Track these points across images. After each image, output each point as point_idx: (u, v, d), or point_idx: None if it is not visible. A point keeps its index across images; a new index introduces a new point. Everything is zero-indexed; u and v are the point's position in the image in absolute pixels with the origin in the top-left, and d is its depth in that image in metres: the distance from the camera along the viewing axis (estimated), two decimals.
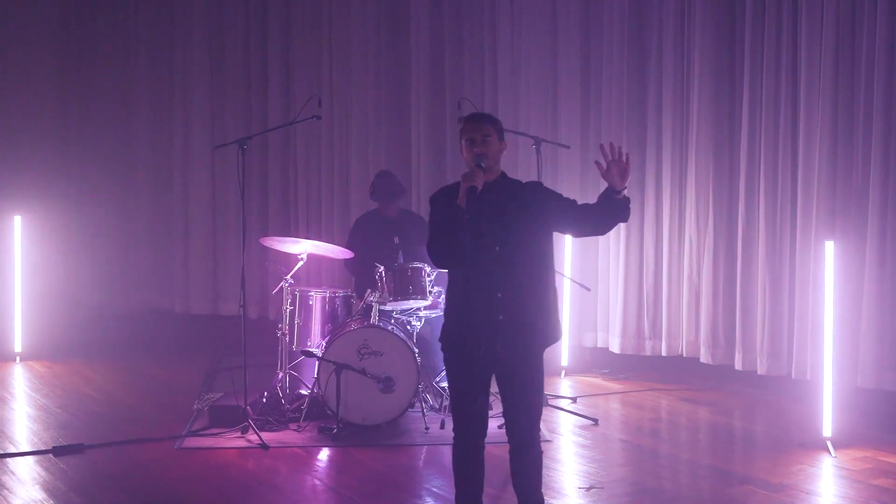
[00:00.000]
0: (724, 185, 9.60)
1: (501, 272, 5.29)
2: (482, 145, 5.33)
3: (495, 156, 5.37)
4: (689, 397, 9.34)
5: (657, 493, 6.76)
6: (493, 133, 5.38)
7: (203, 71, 12.12)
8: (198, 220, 12.25)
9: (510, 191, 5.41)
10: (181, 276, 12.31)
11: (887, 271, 8.48)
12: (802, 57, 8.90)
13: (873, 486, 6.79)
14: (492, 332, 5.31)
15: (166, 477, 7.06)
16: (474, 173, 5.21)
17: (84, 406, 8.99)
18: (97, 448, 7.65)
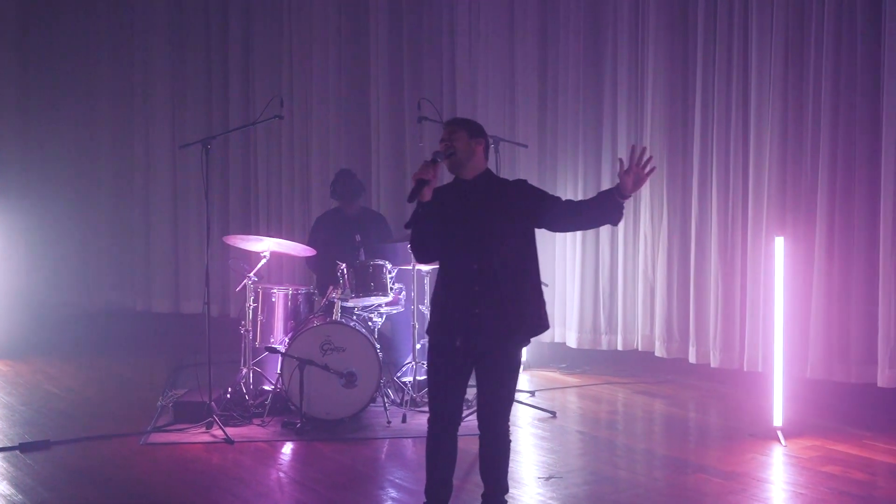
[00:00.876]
0: (677, 183, 9.82)
1: (479, 267, 5.47)
2: (449, 142, 5.55)
3: (463, 150, 5.55)
4: (645, 390, 9.56)
5: (614, 481, 6.95)
6: (459, 130, 5.58)
7: (164, 72, 12.25)
8: (159, 219, 12.38)
9: (492, 188, 5.60)
10: (142, 274, 12.43)
11: (835, 266, 8.72)
12: (753, 60, 9.14)
13: (822, 473, 7.01)
14: (470, 325, 5.49)
15: (134, 471, 7.17)
16: (426, 168, 5.43)
17: (48, 403, 9.09)
18: (63, 444, 7.75)
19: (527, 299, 5.56)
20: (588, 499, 6.54)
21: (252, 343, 8.65)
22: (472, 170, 5.59)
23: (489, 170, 5.68)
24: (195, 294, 12.17)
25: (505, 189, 5.63)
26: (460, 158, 5.56)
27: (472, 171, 5.59)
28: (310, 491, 6.81)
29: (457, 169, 5.60)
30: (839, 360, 8.72)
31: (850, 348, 8.69)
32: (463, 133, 5.58)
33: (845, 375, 8.70)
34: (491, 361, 5.54)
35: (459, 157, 5.55)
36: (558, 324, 10.58)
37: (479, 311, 5.46)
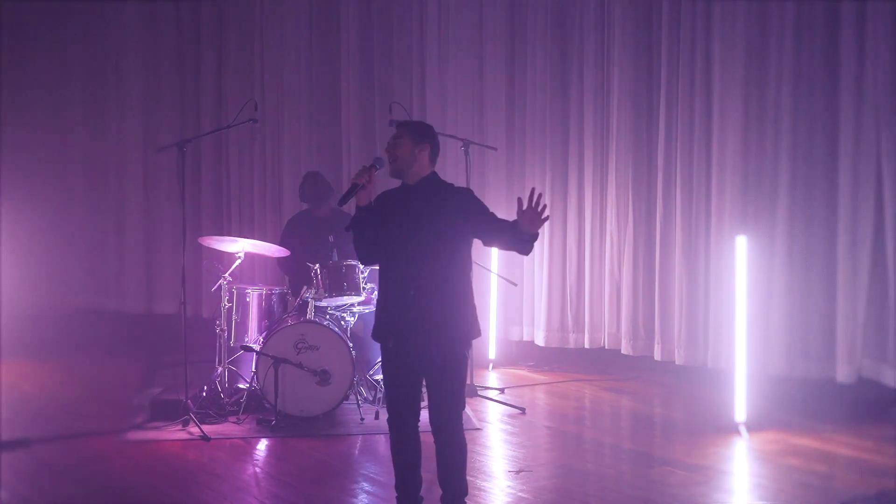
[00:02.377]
0: (642, 184, 10.05)
1: (414, 270, 5.64)
2: (391, 148, 5.73)
3: (404, 157, 5.70)
4: (612, 387, 9.78)
5: (582, 474, 7.16)
6: (403, 135, 5.74)
7: (136, 75, 12.32)
8: (131, 219, 12.45)
9: (431, 193, 5.73)
10: (115, 275, 12.48)
11: (796, 264, 8.97)
12: (716, 64, 9.37)
13: (783, 465, 7.26)
14: (404, 327, 5.67)
15: (114, 468, 7.30)
16: (359, 172, 5.66)
17: (25, 402, 9.18)
18: (43, 442, 7.88)
19: (459, 304, 5.69)
20: (557, 491, 6.74)
21: (227, 342, 8.77)
22: (414, 175, 5.72)
23: (434, 174, 5.81)
24: (167, 294, 12.28)
25: (447, 196, 5.74)
26: (400, 165, 5.71)
27: (415, 177, 5.73)
28: (286, 486, 6.96)
29: (398, 175, 5.75)
30: (799, 357, 8.98)
31: (809, 345, 8.95)
32: (406, 139, 5.72)
33: (805, 371, 8.96)
34: (430, 364, 5.68)
35: (400, 164, 5.70)
36: (526, 322, 10.78)
37: (413, 315, 5.63)
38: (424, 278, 5.62)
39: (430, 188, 5.76)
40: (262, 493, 6.85)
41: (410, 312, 5.64)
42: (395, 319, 5.71)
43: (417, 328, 5.64)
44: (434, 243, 5.63)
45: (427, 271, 5.62)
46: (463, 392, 5.83)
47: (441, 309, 5.65)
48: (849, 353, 8.73)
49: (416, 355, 5.69)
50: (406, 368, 5.75)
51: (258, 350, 8.35)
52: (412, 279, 5.63)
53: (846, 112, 8.66)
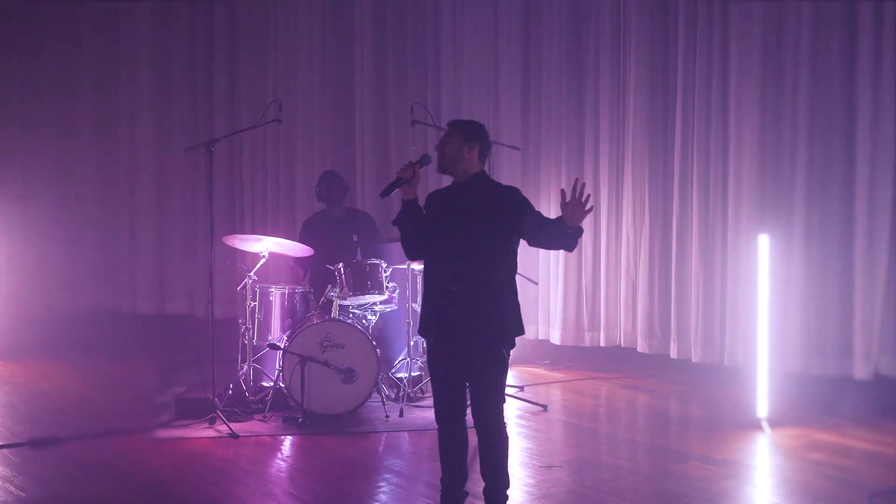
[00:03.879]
0: (658, 183, 10.15)
1: (457, 267, 5.71)
2: (440, 145, 5.82)
3: (453, 154, 5.78)
4: (629, 384, 9.88)
5: (614, 469, 7.27)
6: (454, 133, 5.82)
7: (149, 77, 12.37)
8: (143, 220, 12.50)
9: (481, 192, 5.81)
10: (127, 275, 12.53)
11: (812, 263, 9.09)
12: (733, 62, 9.49)
13: (808, 460, 7.37)
14: (445, 324, 5.76)
15: (146, 465, 7.36)
16: (406, 166, 5.73)
17: (48, 402, 9.24)
18: (72, 440, 7.93)
19: (501, 302, 5.75)
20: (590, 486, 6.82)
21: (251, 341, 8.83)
22: (463, 173, 5.81)
23: (483, 172, 5.88)
24: (179, 295, 12.36)
25: (494, 194, 5.81)
26: (448, 162, 5.80)
27: (464, 175, 5.81)
28: (317, 480, 7.05)
29: (447, 171, 5.84)
30: (816, 354, 9.09)
31: (827, 342, 9.06)
32: (457, 137, 5.80)
33: (822, 369, 9.08)
34: (471, 360, 5.75)
35: (448, 160, 5.79)
36: (542, 321, 10.86)
37: (454, 311, 5.70)
38: (467, 275, 5.69)
39: (478, 186, 5.83)
40: (295, 488, 6.93)
41: (452, 309, 5.72)
42: (437, 316, 5.80)
43: (458, 325, 5.72)
44: (479, 241, 5.70)
45: (470, 268, 5.70)
46: (503, 389, 5.91)
47: (482, 306, 5.71)
48: (866, 351, 8.86)
49: (458, 352, 5.76)
50: (448, 364, 5.82)
51: (285, 348, 8.41)
52: (455, 276, 5.70)
53: (863, 111, 8.79)
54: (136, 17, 12.38)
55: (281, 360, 8.56)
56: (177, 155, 12.13)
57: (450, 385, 5.87)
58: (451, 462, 5.97)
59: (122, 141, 12.50)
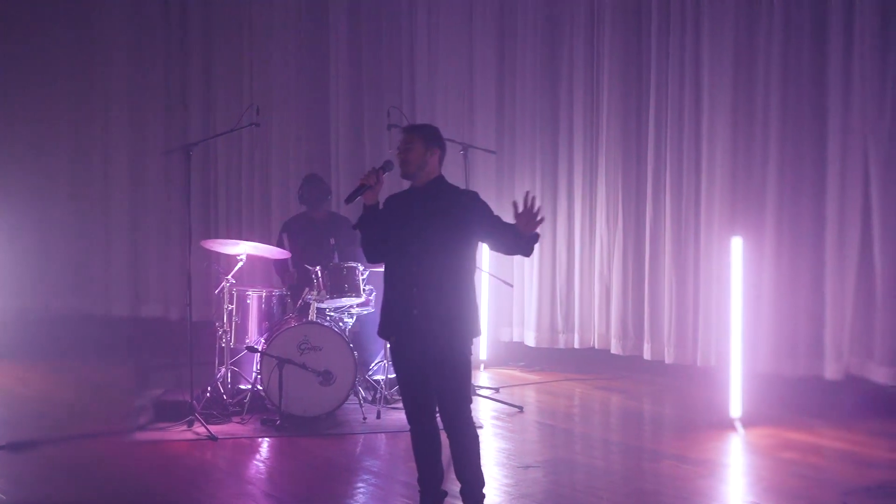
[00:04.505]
0: (631, 186, 10.26)
1: (418, 269, 5.79)
2: (403, 152, 5.87)
3: (416, 160, 5.85)
4: (603, 386, 9.99)
5: (590, 469, 7.36)
6: (415, 139, 5.88)
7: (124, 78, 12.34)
8: (117, 223, 12.46)
9: (441, 196, 5.89)
10: (101, 279, 12.50)
11: (784, 265, 9.22)
12: (705, 68, 9.63)
13: (781, 459, 7.49)
14: (407, 325, 5.83)
15: (125, 467, 7.39)
16: (368, 173, 5.81)
17: (25, 405, 9.24)
18: (51, 443, 7.95)
19: (461, 305, 5.84)
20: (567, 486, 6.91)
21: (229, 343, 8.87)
22: (423, 178, 5.89)
23: (441, 177, 5.96)
24: (154, 298, 12.36)
25: (454, 199, 5.89)
26: (412, 169, 5.86)
27: (424, 179, 5.89)
28: (296, 481, 7.12)
29: (409, 177, 5.90)
30: (788, 355, 9.21)
31: (798, 343, 9.19)
32: (419, 143, 5.87)
33: (794, 369, 9.20)
34: (435, 361, 5.82)
35: (411, 167, 5.85)
36: (517, 323, 10.95)
37: (417, 313, 5.77)
38: (427, 277, 5.78)
39: (438, 191, 5.92)
40: (274, 489, 6.97)
41: (413, 311, 5.79)
42: (399, 317, 5.87)
43: (419, 326, 5.80)
44: (439, 244, 5.79)
45: (430, 271, 5.78)
46: (469, 388, 6.00)
47: (442, 308, 5.79)
48: (836, 351, 8.99)
49: (420, 352, 5.84)
50: (412, 365, 5.91)
51: (263, 351, 8.45)
52: (415, 278, 5.78)
53: (833, 115, 8.94)
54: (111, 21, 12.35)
55: (259, 363, 8.60)
56: (151, 158, 12.15)
57: (415, 386, 5.95)
58: (426, 462, 6.04)
59: (97, 143, 12.46)
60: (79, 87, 12.52)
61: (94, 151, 12.50)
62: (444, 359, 5.81)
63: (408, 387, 5.98)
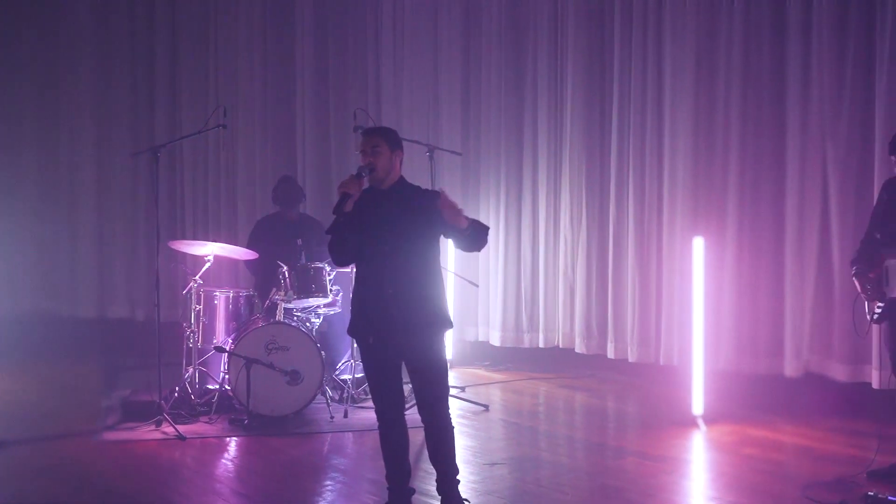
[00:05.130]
0: (595, 187, 10.39)
1: (391, 270, 5.91)
2: (371, 156, 5.95)
3: (385, 165, 5.95)
4: (567, 384, 10.12)
5: (555, 466, 7.48)
6: (381, 144, 5.97)
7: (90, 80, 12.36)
8: (84, 224, 12.47)
9: (406, 196, 6.01)
10: (68, 279, 12.51)
11: (744, 265, 9.37)
12: (667, 70, 9.76)
13: (743, 455, 7.63)
14: (384, 324, 5.93)
15: (95, 467, 7.43)
16: (350, 182, 5.85)
17: None
18: (20, 444, 7.98)
19: (433, 298, 5.99)
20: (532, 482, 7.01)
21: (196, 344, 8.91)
22: (389, 180, 6.00)
23: (402, 178, 6.09)
24: (120, 299, 12.38)
25: (417, 199, 6.00)
26: (381, 175, 5.96)
27: (389, 182, 6.01)
28: (265, 479, 7.17)
29: (376, 181, 5.99)
30: (749, 353, 9.36)
31: (758, 342, 9.34)
32: (385, 148, 5.96)
33: (754, 367, 9.35)
34: (412, 355, 5.97)
35: (381, 172, 5.95)
36: (482, 323, 11.06)
37: (393, 312, 5.88)
38: (402, 277, 5.89)
39: (402, 192, 6.03)
40: (244, 487, 7.05)
41: (390, 310, 5.89)
42: (375, 317, 5.95)
43: (397, 324, 5.90)
44: (409, 244, 5.91)
45: (404, 270, 5.90)
46: (446, 380, 6.12)
47: (418, 305, 5.92)
48: (796, 349, 9.15)
49: (398, 350, 5.96)
50: (388, 363, 6.01)
51: (231, 351, 8.51)
52: (390, 279, 5.89)
53: (793, 118, 9.09)
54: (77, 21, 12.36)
55: (226, 363, 8.66)
56: (117, 159, 12.17)
57: (388, 384, 6.06)
58: (395, 460, 6.14)
59: (63, 145, 12.48)
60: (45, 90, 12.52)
61: (60, 153, 12.52)
62: (424, 354, 5.95)
63: (381, 385, 6.07)
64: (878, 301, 6.74)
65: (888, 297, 6.67)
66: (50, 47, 12.47)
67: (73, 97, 12.44)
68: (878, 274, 6.73)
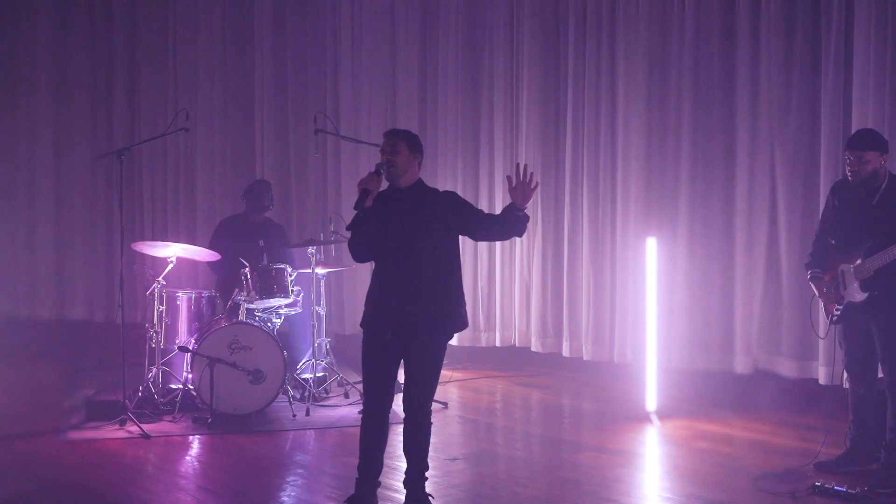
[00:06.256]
0: (550, 189, 10.62)
1: (409, 269, 6.11)
2: (390, 154, 6.14)
3: (402, 164, 6.14)
4: (524, 382, 10.33)
5: (511, 461, 7.73)
6: (400, 144, 6.17)
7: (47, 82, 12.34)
8: (42, 225, 12.45)
9: (423, 197, 6.22)
10: (26, 280, 12.47)
11: (696, 264, 9.62)
12: (619, 74, 10.02)
13: (695, 448, 7.88)
14: (399, 321, 6.11)
15: (62, 465, 7.52)
16: (369, 178, 6.04)
17: None
18: None
19: (452, 298, 6.22)
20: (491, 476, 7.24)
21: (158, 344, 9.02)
22: (407, 180, 6.20)
23: (421, 179, 6.30)
24: (79, 300, 12.40)
25: (436, 199, 6.25)
26: (399, 172, 6.15)
27: (408, 182, 6.21)
28: (230, 475, 7.35)
29: (394, 179, 6.19)
30: (700, 350, 9.62)
31: (709, 339, 9.60)
32: (405, 148, 6.16)
33: (706, 364, 9.61)
34: (419, 352, 6.17)
35: (398, 170, 6.15)
36: None
37: (411, 309, 6.08)
38: (422, 275, 6.10)
39: (421, 192, 6.25)
40: (209, 483, 7.19)
41: (408, 307, 6.08)
42: (394, 314, 6.13)
43: (416, 321, 6.10)
44: (429, 243, 6.12)
45: (424, 269, 6.10)
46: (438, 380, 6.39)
47: (438, 304, 6.14)
48: (745, 347, 9.42)
49: (409, 346, 6.16)
50: (394, 359, 6.24)
51: (194, 350, 8.63)
52: (410, 276, 6.09)
53: (741, 120, 9.37)
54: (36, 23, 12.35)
55: (189, 363, 8.78)
56: (76, 160, 12.20)
57: (385, 378, 6.25)
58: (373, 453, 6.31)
59: (21, 146, 12.43)
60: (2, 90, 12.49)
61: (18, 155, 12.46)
62: (432, 353, 6.20)
63: (379, 379, 6.25)
64: (836, 304, 6.97)
65: (846, 301, 6.90)
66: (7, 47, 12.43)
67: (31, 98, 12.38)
68: (834, 277, 6.98)
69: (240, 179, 11.19)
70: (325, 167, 11.50)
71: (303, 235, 10.88)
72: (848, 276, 6.85)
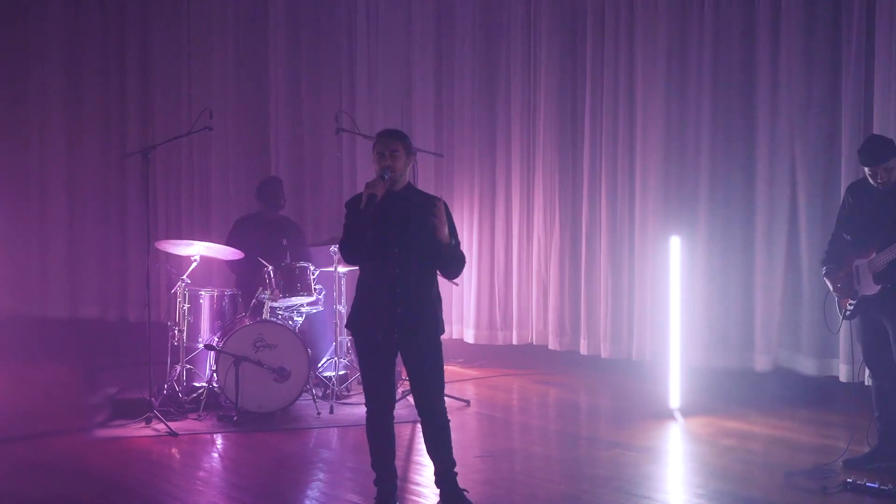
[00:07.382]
0: (568, 188, 10.63)
1: (400, 270, 6.09)
2: (389, 159, 6.11)
3: (401, 169, 6.14)
4: (542, 380, 10.37)
5: (543, 458, 7.75)
6: (400, 148, 6.15)
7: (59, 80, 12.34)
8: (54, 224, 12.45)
9: (413, 200, 6.19)
10: (38, 280, 12.48)
11: (715, 263, 9.66)
12: (638, 72, 10.05)
13: (722, 446, 7.91)
14: (391, 322, 6.11)
15: (90, 463, 7.53)
16: (376, 183, 6.02)
17: None
18: (11, 441, 8.05)
19: (434, 300, 6.23)
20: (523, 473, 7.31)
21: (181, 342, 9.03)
22: (401, 183, 6.19)
23: (410, 182, 6.30)
24: (92, 299, 12.40)
25: (425, 203, 6.17)
26: (398, 176, 6.13)
27: (400, 184, 6.19)
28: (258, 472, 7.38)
29: (392, 183, 6.14)
30: (720, 348, 9.66)
31: (729, 337, 9.64)
32: (402, 152, 6.14)
33: (725, 362, 9.65)
34: (413, 351, 6.18)
35: (398, 175, 6.13)
36: (456, 321, 11.23)
37: (400, 310, 6.08)
38: (410, 277, 6.09)
39: (411, 194, 6.23)
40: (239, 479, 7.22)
41: (398, 308, 6.07)
42: (383, 315, 6.12)
43: (404, 322, 6.09)
44: (417, 244, 6.08)
45: (412, 270, 6.09)
46: (443, 375, 6.35)
47: (424, 304, 6.14)
48: (766, 345, 9.46)
49: (403, 347, 6.17)
50: (390, 360, 6.21)
51: (220, 349, 8.64)
52: (399, 278, 6.07)
53: (762, 118, 9.41)
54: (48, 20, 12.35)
55: (214, 361, 8.79)
56: (88, 159, 12.21)
57: (386, 379, 6.24)
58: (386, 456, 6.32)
59: (33, 145, 12.42)
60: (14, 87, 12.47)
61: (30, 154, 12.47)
62: (427, 353, 6.17)
63: (379, 381, 6.23)
64: (850, 298, 7.04)
65: (859, 295, 6.97)
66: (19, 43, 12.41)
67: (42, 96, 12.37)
68: (848, 272, 7.04)
69: (254, 178, 11.16)
70: (340, 166, 11.49)
71: (317, 234, 10.90)
72: (862, 271, 6.93)
